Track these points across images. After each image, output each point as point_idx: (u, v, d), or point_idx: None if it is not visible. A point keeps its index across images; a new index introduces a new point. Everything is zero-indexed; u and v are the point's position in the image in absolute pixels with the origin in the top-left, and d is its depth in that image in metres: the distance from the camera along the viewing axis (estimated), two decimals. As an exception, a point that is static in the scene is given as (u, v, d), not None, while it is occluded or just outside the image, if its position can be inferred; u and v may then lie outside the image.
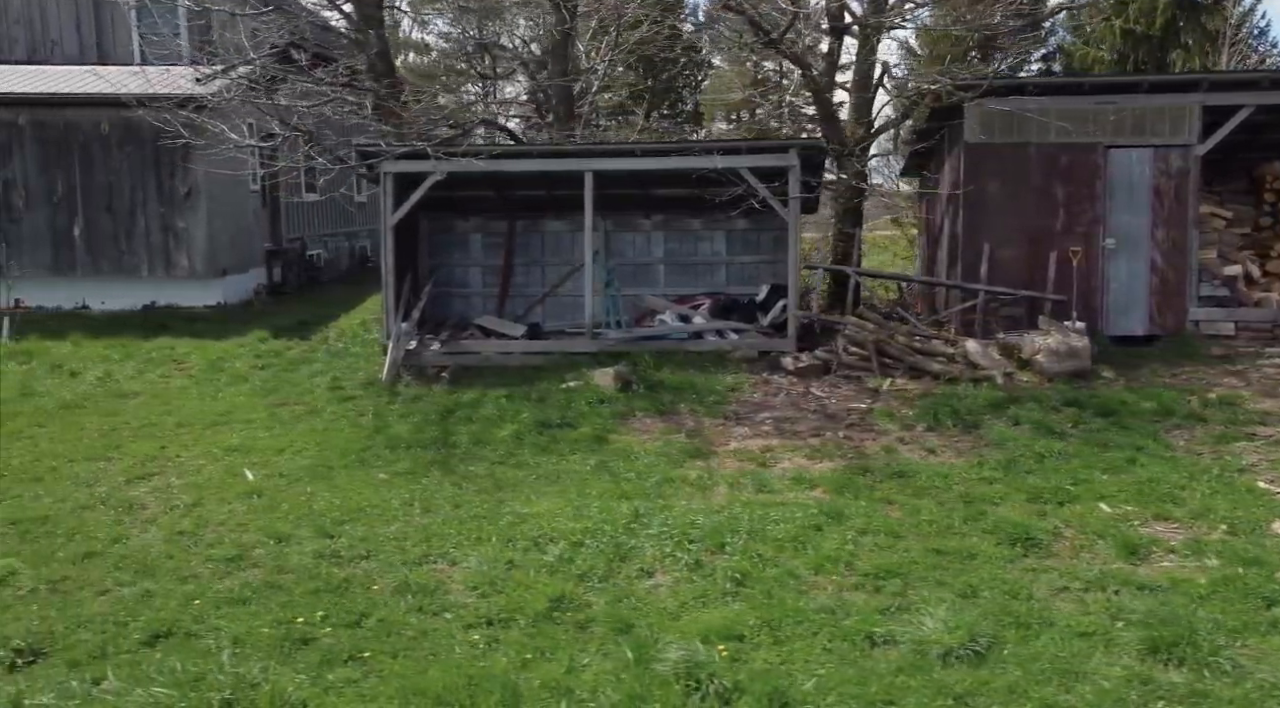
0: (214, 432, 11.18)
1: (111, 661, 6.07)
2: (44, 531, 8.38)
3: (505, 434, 10.39)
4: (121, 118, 16.82)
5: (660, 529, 7.48)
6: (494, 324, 14.07)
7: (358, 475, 9.50)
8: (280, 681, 5.51)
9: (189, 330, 15.89)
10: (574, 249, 15.41)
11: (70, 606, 6.93)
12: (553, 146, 12.81)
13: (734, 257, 15.45)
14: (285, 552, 7.72)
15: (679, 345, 13.02)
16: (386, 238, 13.11)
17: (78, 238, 17.06)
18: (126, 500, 9.02)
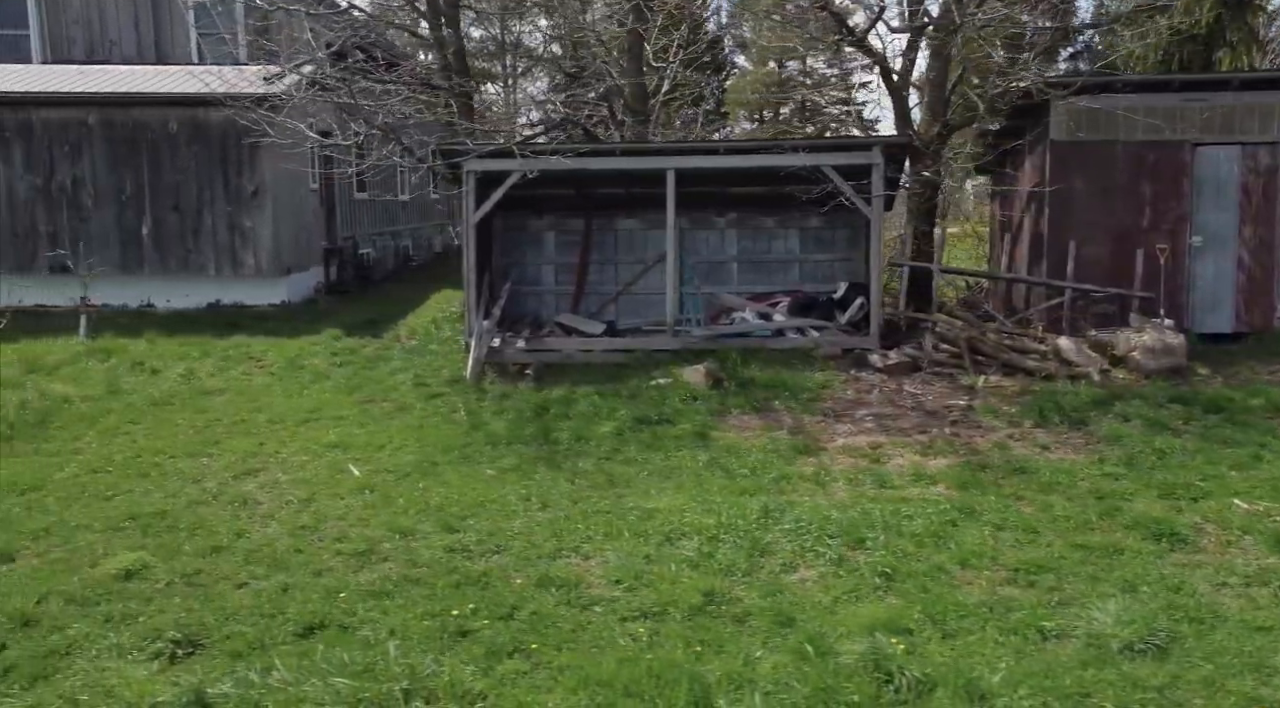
0: (307, 428, 11.25)
1: (270, 652, 6.13)
2: (164, 525, 8.45)
3: (605, 431, 10.41)
4: (189, 117, 16.96)
5: (794, 525, 7.49)
6: (573, 322, 14.11)
7: (464, 471, 9.54)
8: (453, 672, 5.55)
9: (260, 328, 15.97)
10: (647, 247, 15.45)
11: (212, 599, 7.00)
12: (636, 145, 12.85)
13: (808, 255, 15.45)
14: (413, 546, 7.77)
15: (761, 343, 13.03)
16: (468, 236, 13.17)
17: (146, 236, 17.19)
18: (239, 496, 9.09)
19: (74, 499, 9.16)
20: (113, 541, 8.22)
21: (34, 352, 14.29)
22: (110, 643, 6.34)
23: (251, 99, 14.18)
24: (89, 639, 6.40)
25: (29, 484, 9.61)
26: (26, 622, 6.70)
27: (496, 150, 12.35)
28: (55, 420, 11.74)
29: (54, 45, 21.15)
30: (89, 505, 9.02)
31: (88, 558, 7.87)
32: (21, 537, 8.28)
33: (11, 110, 16.81)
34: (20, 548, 8.11)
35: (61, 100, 16.71)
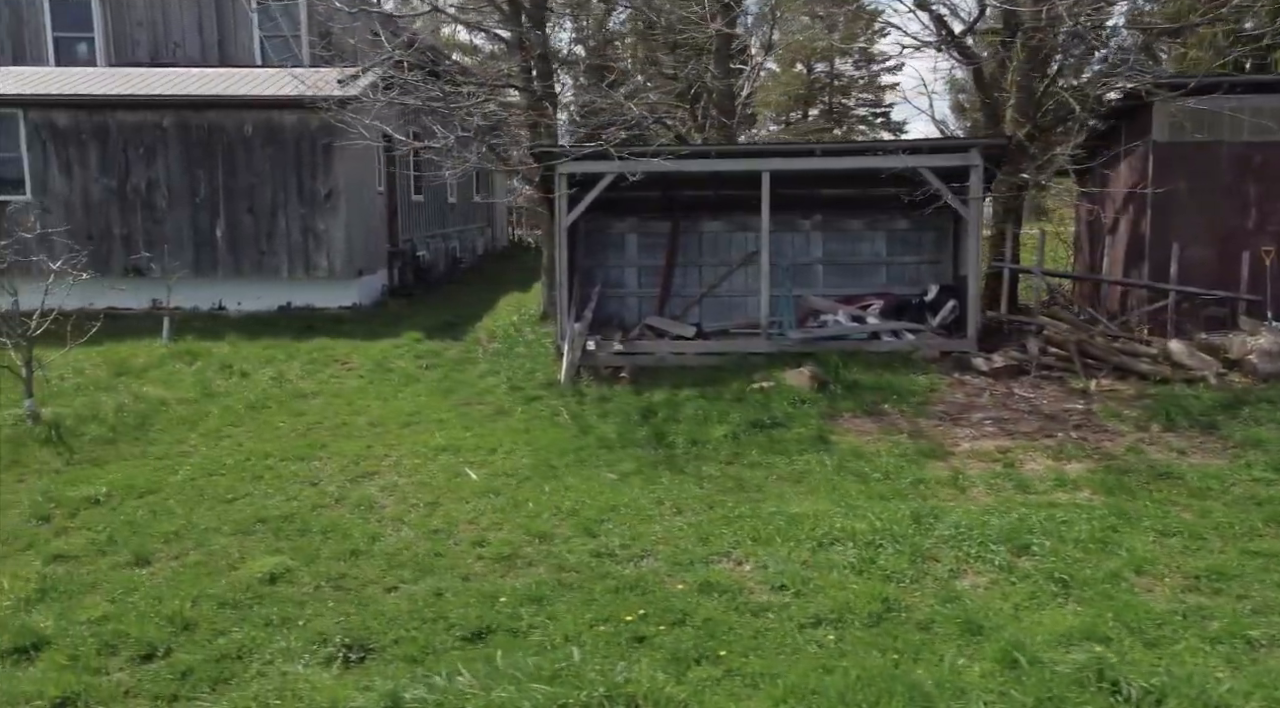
0: (411, 431, 11.24)
1: (443, 657, 6.09)
2: (294, 529, 8.44)
3: (719, 435, 10.35)
4: (264, 119, 17.02)
5: (952, 531, 7.39)
6: (664, 324, 14.06)
7: (584, 475, 9.50)
8: (650, 679, 5.49)
9: (337, 331, 16.00)
10: (731, 249, 15.40)
11: (365, 603, 6.97)
12: (732, 146, 12.81)
13: (894, 257, 15.35)
14: (556, 551, 7.72)
15: (858, 346, 12.94)
16: (561, 239, 13.15)
17: (220, 239, 17.25)
18: (362, 500, 9.07)
19: (195, 502, 9.17)
20: (245, 544, 8.21)
21: (119, 354, 14.36)
22: (279, 647, 6.30)
23: (335, 101, 14.16)
24: (256, 643, 6.37)
25: (145, 487, 9.63)
26: (186, 625, 6.69)
27: (594, 152, 12.29)
28: (155, 423, 11.77)
29: (118, 48, 21.31)
30: (212, 508, 9.01)
31: (225, 561, 7.86)
32: (153, 540, 8.28)
33: (88, 113, 16.91)
34: (153, 551, 8.11)
35: (137, 103, 16.79)
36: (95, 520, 8.81)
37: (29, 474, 10.36)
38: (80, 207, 16.99)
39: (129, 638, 6.53)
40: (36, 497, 9.39)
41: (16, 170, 17.01)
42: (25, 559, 8.12)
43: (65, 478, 10.04)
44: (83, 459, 10.71)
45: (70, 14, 21.20)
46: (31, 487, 9.80)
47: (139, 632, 6.56)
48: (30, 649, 6.46)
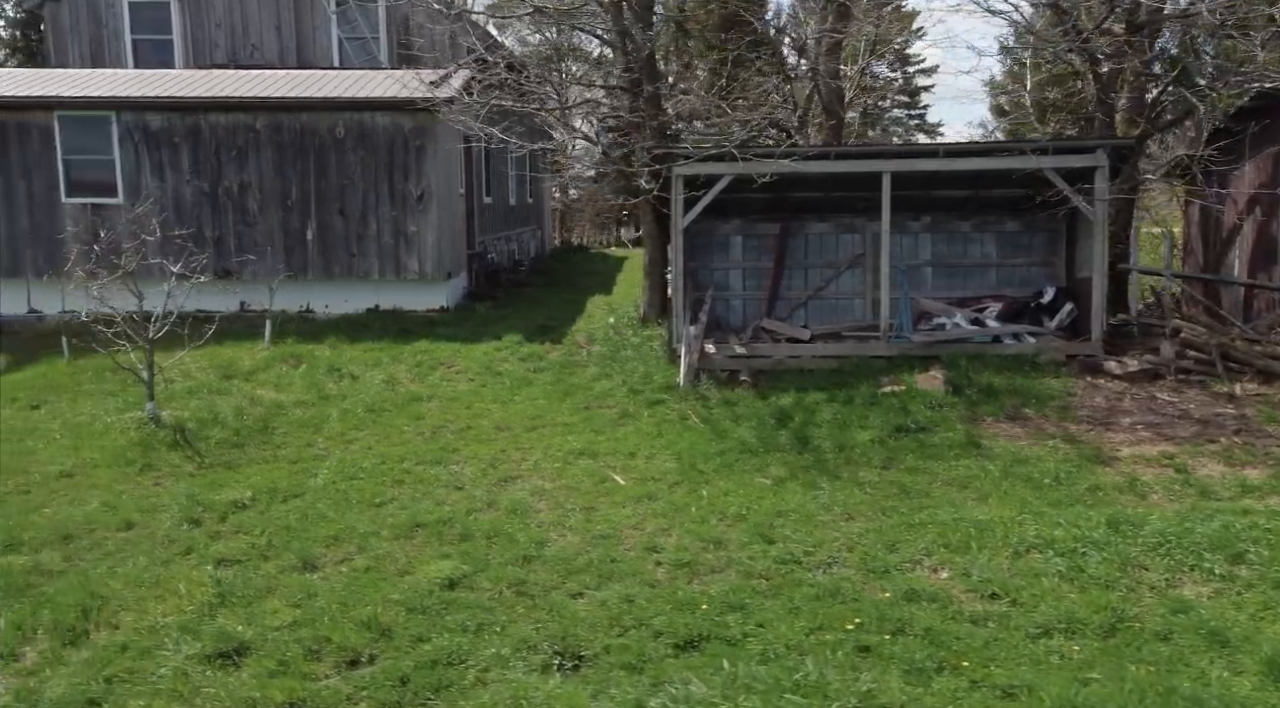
0: (539, 435, 11.17)
1: (660, 665, 6.00)
2: (455, 533, 8.39)
3: (865, 439, 10.23)
4: (356, 121, 17.03)
5: (1156, 539, 7.24)
6: (780, 327, 13.94)
7: (736, 480, 9.41)
8: (896, 691, 5.37)
9: (432, 334, 15.94)
10: (838, 250, 15.27)
11: (555, 609, 6.90)
12: (851, 147, 12.68)
13: (1004, 259, 15.16)
14: (736, 557, 7.63)
15: (980, 349, 12.78)
16: (677, 242, 13.06)
17: (310, 241, 17.26)
18: (514, 504, 9.00)
19: (343, 506, 9.13)
20: (408, 548, 8.17)
21: (223, 357, 14.38)
22: (489, 654, 6.24)
23: (444, 103, 14.13)
24: (462, 650, 6.31)
25: (288, 491, 9.61)
26: (383, 631, 6.63)
27: (716, 154, 12.19)
28: (277, 427, 11.77)
29: (196, 50, 21.42)
30: (362, 512, 8.98)
31: (394, 566, 7.82)
32: (313, 544, 8.25)
33: (180, 115, 16.98)
34: (317, 555, 8.07)
35: (231, 105, 16.83)
36: (247, 524, 8.79)
37: (163, 477, 10.38)
38: (172, 209, 17.03)
39: (330, 643, 6.49)
40: (181, 500, 9.38)
41: (108, 173, 17.09)
42: (188, 563, 8.11)
43: (203, 482, 10.03)
44: (214, 463, 10.71)
45: (149, 17, 21.32)
46: (173, 490, 9.81)
47: (339, 637, 6.51)
48: (233, 654, 6.43)
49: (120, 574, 7.85)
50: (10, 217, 17.15)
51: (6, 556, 8.35)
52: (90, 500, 9.62)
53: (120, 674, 6.31)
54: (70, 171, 17.15)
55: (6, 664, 6.59)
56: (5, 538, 8.63)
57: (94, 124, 17.03)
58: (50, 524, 8.96)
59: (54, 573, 8.04)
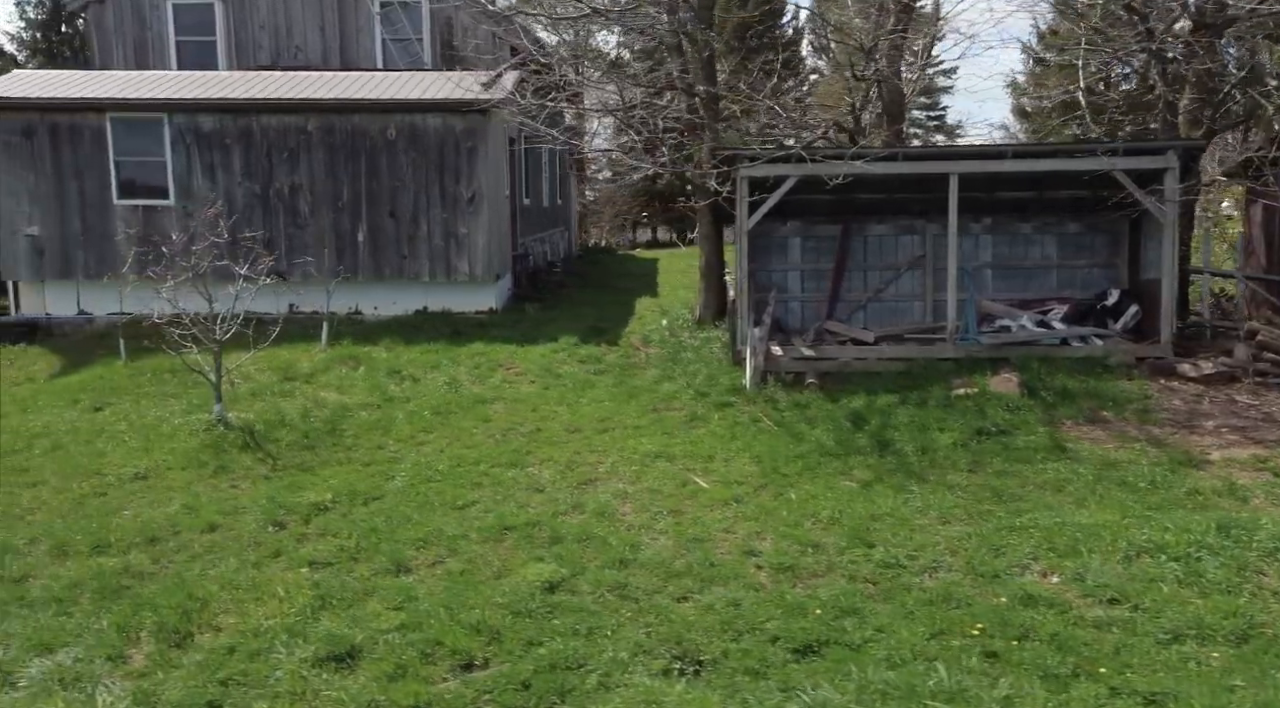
0: (610, 438, 11.14)
1: (783, 670, 5.96)
2: (545, 536, 8.37)
3: (947, 442, 10.17)
4: (408, 123, 17.05)
5: (1273, 543, 7.16)
6: (844, 329, 13.88)
7: (820, 483, 9.36)
8: (1041, 699, 5.32)
9: (484, 335, 15.93)
10: (897, 252, 15.21)
11: (661, 613, 6.87)
12: (918, 149, 12.65)
13: (1065, 260, 15.07)
14: (837, 561, 7.59)
15: (1048, 351, 12.70)
16: (742, 244, 13.03)
17: (361, 243, 17.28)
18: (600, 507, 8.97)
19: (428, 509, 9.12)
20: (500, 551, 8.16)
21: (281, 359, 14.39)
22: (607, 658, 6.21)
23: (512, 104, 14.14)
24: (577, 654, 6.28)
25: (367, 493, 9.61)
26: (494, 635, 6.61)
27: (783, 155, 12.15)
28: (345, 429, 11.77)
29: (239, 51, 21.50)
30: (447, 515, 8.97)
31: (489, 570, 7.80)
32: (403, 547, 8.24)
33: (232, 117, 17.03)
34: (409, 558, 8.07)
35: (283, 106, 16.87)
36: (331, 527, 8.79)
37: (239, 480, 10.39)
38: (225, 211, 17.05)
39: (442, 647, 6.48)
40: (262, 502, 9.40)
41: (160, 175, 17.14)
42: (279, 565, 8.12)
43: (280, 484, 10.04)
44: (286, 465, 10.72)
45: (193, 18, 21.42)
46: (252, 493, 9.82)
47: (451, 641, 6.50)
48: (345, 657, 6.41)
49: (214, 577, 7.85)
50: (62, 218, 17.22)
51: (96, 557, 8.36)
52: (170, 503, 9.64)
53: (235, 677, 6.30)
54: (121, 173, 17.21)
55: (116, 667, 6.59)
56: (93, 540, 8.63)
57: (146, 126, 17.09)
58: (133, 526, 8.97)
59: (145, 575, 8.05)
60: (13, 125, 17.04)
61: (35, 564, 8.29)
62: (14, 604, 7.53)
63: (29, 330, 17.53)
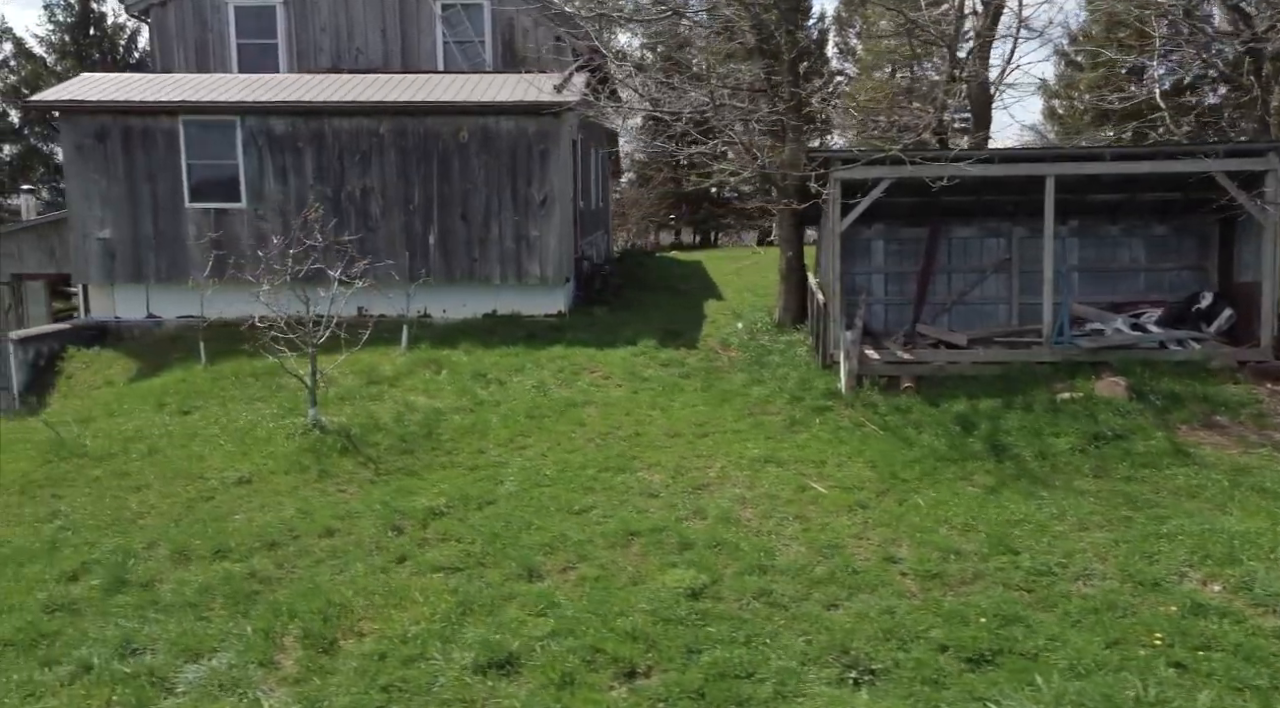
0: (713, 442, 11.08)
1: (960, 679, 5.89)
2: (674, 542, 8.32)
3: (1064, 447, 10.07)
4: (480, 125, 17.04)
5: None
6: (937, 332, 13.78)
7: (944, 488, 9.28)
8: None
9: (559, 339, 15.86)
10: (982, 255, 15.10)
11: (812, 620, 6.84)
12: (1014, 150, 12.50)
13: (1153, 263, 14.91)
14: (982, 567, 7.51)
15: (1146, 354, 12.54)
16: (835, 246, 12.93)
17: (433, 246, 17.27)
18: (721, 513, 8.91)
19: (545, 513, 9.08)
20: (629, 557, 8.11)
21: (363, 363, 14.36)
22: (777, 666, 6.15)
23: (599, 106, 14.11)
24: (742, 661, 6.21)
25: (480, 498, 9.57)
26: (650, 643, 6.55)
27: (879, 157, 12.05)
28: (441, 433, 11.74)
29: (300, 54, 21.55)
30: (566, 520, 8.92)
31: (623, 576, 7.75)
32: (532, 552, 8.19)
33: (305, 120, 17.06)
34: (539, 564, 8.02)
35: (356, 109, 16.89)
36: (451, 532, 8.76)
37: (344, 484, 10.37)
38: (295, 214, 17.08)
39: (602, 654, 6.43)
40: (376, 507, 9.38)
41: (231, 178, 17.18)
42: (407, 570, 8.09)
43: (388, 489, 10.01)
44: (389, 469, 10.69)
45: (254, 20, 21.47)
46: (364, 497, 9.80)
47: (612, 648, 6.44)
48: (505, 664, 6.37)
49: (345, 582, 7.83)
50: (134, 221, 17.28)
51: (218, 562, 8.35)
52: (279, 508, 9.62)
53: (396, 684, 6.27)
54: (193, 176, 17.25)
55: (270, 672, 6.56)
56: (212, 545, 8.62)
57: (219, 129, 17.14)
58: (249, 531, 8.95)
59: (272, 580, 8.02)
60: (86, 128, 17.12)
61: (158, 569, 8.28)
62: (148, 609, 7.53)
63: (99, 333, 17.61)
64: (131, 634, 7.03)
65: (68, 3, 38.22)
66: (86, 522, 9.45)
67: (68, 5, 38.22)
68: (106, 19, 39.08)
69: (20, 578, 8.22)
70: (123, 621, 7.30)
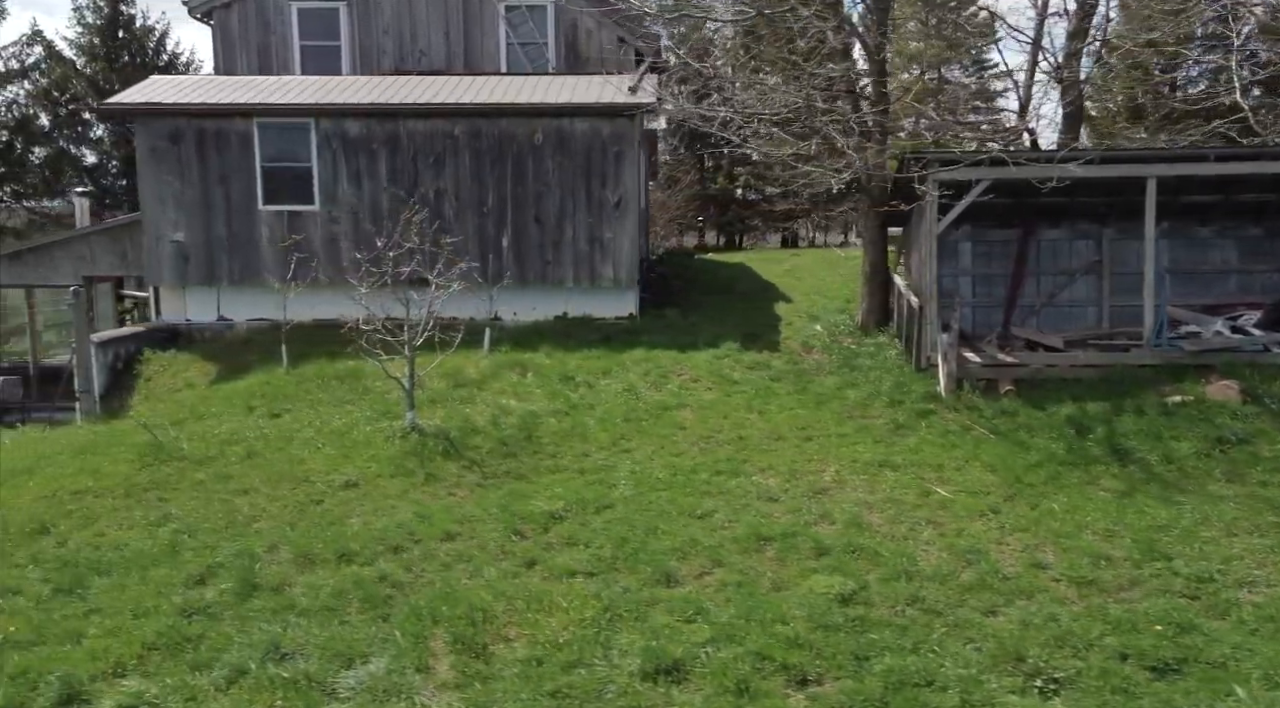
0: (820, 446, 11.00)
1: (1149, 689, 5.79)
2: (809, 547, 8.27)
3: (1188, 451, 9.96)
4: (554, 127, 17.01)
5: None
6: (1034, 335, 13.65)
7: (1073, 493, 9.20)
8: None
9: (637, 341, 15.75)
10: (1071, 257, 14.95)
11: (974, 626, 6.78)
12: (1115, 151, 12.34)
13: (1245, 265, 14.76)
14: (1136, 574, 7.46)
15: (1251, 357, 12.36)
16: (931, 248, 12.83)
17: (506, 248, 17.25)
18: (849, 518, 8.85)
19: (667, 518, 9.04)
20: (765, 562, 8.06)
21: (447, 365, 14.29)
22: (957, 673, 6.05)
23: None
24: (918, 669, 6.13)
25: (596, 501, 9.54)
26: (816, 651, 6.48)
27: (985, 157, 11.94)
28: (540, 436, 11.69)
29: (364, 56, 21.57)
30: (689, 524, 8.88)
31: (764, 582, 7.71)
32: (664, 557, 8.15)
33: (379, 122, 17.07)
34: (673, 569, 7.99)
35: (431, 111, 16.89)
36: (574, 536, 8.72)
37: (453, 488, 10.33)
38: (368, 216, 17.13)
39: (769, 661, 6.38)
40: (493, 510, 9.34)
41: (305, 180, 17.20)
42: (540, 574, 8.05)
43: (501, 492, 9.98)
44: (496, 473, 10.65)
45: (317, 23, 21.51)
46: (479, 501, 9.77)
47: (781, 656, 6.36)
48: (671, 672, 6.32)
49: (480, 586, 7.79)
50: (207, 223, 17.34)
51: (344, 566, 8.33)
52: (394, 511, 9.59)
53: (563, 690, 6.23)
54: (267, 179, 17.28)
55: (427, 678, 6.52)
56: (335, 549, 8.60)
57: (293, 131, 17.18)
58: (369, 535, 8.92)
59: (403, 584, 7.99)
60: (160, 130, 17.19)
61: (284, 573, 8.26)
62: (285, 613, 7.51)
63: (170, 336, 17.67)
64: (277, 639, 7.00)
65: (96, 4, 38.34)
66: (201, 526, 9.43)
67: (96, 7, 38.36)
68: (135, 21, 39.21)
69: (147, 581, 8.21)
70: (264, 625, 7.27)
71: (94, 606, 7.82)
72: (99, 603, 7.84)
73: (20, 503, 10.44)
